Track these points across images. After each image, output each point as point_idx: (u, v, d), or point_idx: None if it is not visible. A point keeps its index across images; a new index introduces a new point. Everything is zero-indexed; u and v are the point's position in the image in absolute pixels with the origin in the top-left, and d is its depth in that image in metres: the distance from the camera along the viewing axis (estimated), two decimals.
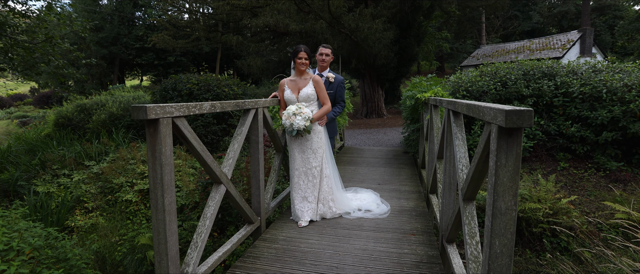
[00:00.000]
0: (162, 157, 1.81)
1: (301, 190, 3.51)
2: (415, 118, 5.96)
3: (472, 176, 1.84)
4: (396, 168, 5.96)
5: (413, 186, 4.85)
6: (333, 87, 3.85)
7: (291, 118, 3.23)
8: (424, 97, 4.55)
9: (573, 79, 6.58)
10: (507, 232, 1.40)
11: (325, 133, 3.64)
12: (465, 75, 7.62)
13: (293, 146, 3.52)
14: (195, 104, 2.09)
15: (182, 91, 8.30)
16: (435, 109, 3.85)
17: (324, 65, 3.91)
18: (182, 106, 1.96)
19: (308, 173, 3.50)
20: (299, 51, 3.43)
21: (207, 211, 2.37)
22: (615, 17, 36.53)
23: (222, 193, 2.50)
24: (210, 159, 2.32)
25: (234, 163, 2.67)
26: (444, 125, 2.79)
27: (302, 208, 3.50)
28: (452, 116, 2.51)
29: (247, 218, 3.03)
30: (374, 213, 3.69)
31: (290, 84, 3.54)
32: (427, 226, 3.39)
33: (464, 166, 2.21)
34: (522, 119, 1.26)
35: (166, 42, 21.40)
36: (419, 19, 16.70)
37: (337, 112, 3.83)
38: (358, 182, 5.04)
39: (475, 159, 1.76)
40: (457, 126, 2.44)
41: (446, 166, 2.71)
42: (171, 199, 1.90)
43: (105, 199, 5.73)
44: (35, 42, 7.55)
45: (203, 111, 2.17)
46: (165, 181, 1.84)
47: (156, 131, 1.80)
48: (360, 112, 18.03)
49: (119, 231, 5.29)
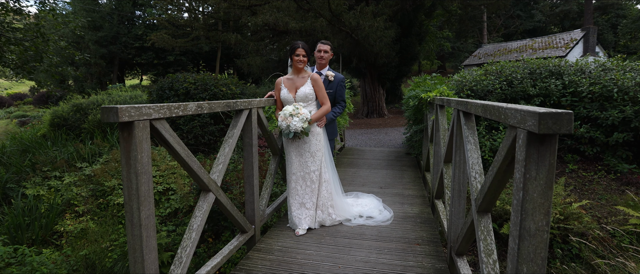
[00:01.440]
0: (137, 165, 1.60)
1: (299, 196, 3.29)
2: (419, 119, 5.74)
3: (490, 187, 1.62)
4: (399, 171, 5.74)
5: (417, 190, 4.63)
6: (333, 86, 3.62)
7: (288, 119, 3.01)
8: (428, 96, 4.33)
9: (581, 78, 6.35)
10: (537, 257, 1.19)
11: (324, 135, 3.43)
12: (469, 74, 7.40)
13: (290, 149, 3.30)
14: (178, 104, 1.88)
15: (178, 90, 8.10)
16: (441, 110, 3.63)
17: (323, 62, 3.68)
18: (162, 106, 1.75)
19: (306, 178, 3.28)
20: (297, 47, 3.21)
21: (194, 223, 2.16)
22: (618, 16, 36.26)
23: (210, 202, 2.28)
24: (196, 165, 2.10)
25: (225, 168, 2.45)
26: (453, 127, 2.56)
27: (300, 215, 3.28)
28: (462, 117, 2.29)
29: (240, 227, 2.82)
30: (376, 220, 3.47)
31: (287, 82, 3.32)
32: (432, 234, 3.17)
33: (477, 174, 1.99)
34: (559, 124, 1.04)
35: (165, 41, 21.18)
36: (421, 17, 16.47)
37: (337, 113, 3.60)
38: (359, 186, 4.82)
39: (493, 168, 1.54)
40: (468, 128, 2.22)
41: (455, 172, 2.49)
42: (149, 212, 1.68)
43: (97, 203, 5.52)
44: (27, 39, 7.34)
45: (188, 112, 1.95)
46: (141, 192, 1.62)
47: (131, 136, 1.59)
48: (361, 111, 17.81)
49: (110, 236, 5.08)
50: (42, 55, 7.55)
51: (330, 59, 3.67)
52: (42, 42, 7.38)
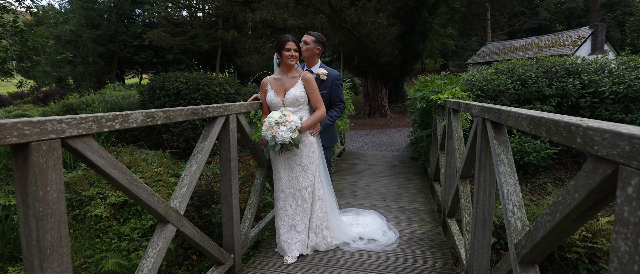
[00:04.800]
0: (38, 205, 1.11)
1: (288, 217, 2.79)
2: (426, 122, 5.24)
3: (548, 235, 1.12)
4: (404, 179, 5.23)
5: (424, 203, 4.12)
6: (326, 85, 3.06)
7: (273, 129, 2.51)
8: (439, 99, 3.82)
9: (603, 77, 5.83)
10: None
11: (318, 144, 2.92)
12: (479, 73, 6.89)
13: (278, 161, 2.80)
14: (114, 115, 1.38)
15: (169, 90, 7.63)
16: (455, 114, 3.12)
17: (307, 55, 3.07)
18: (85, 118, 1.26)
19: (297, 196, 2.78)
20: (287, 41, 2.70)
21: (144, 266, 1.67)
22: (625, 14, 35.54)
23: (169, 236, 1.79)
24: (146, 192, 1.61)
25: (191, 191, 1.96)
26: (475, 140, 2.06)
27: (290, 239, 2.79)
28: (491, 129, 1.78)
29: (215, 259, 2.33)
30: (379, 244, 2.97)
31: (274, 83, 2.81)
32: (446, 263, 2.67)
33: (516, 208, 1.49)
34: None
35: (162, 39, 20.67)
36: (424, 14, 15.93)
37: (333, 117, 3.07)
38: (360, 198, 4.32)
39: (558, 211, 1.04)
40: (499, 143, 1.72)
41: (479, 196, 1.99)
42: (64, 270, 1.19)
43: (73, 214, 5.04)
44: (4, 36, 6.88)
45: (130, 124, 1.46)
46: (45, 243, 1.13)
47: (26, 163, 1.10)
48: (363, 111, 17.30)
49: (85, 251, 4.61)
50: (22, 55, 7.08)
51: (319, 53, 3.11)
52: (20, 41, 6.90)
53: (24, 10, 7.88)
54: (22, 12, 8.32)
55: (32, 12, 7.49)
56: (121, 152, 6.84)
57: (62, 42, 28.41)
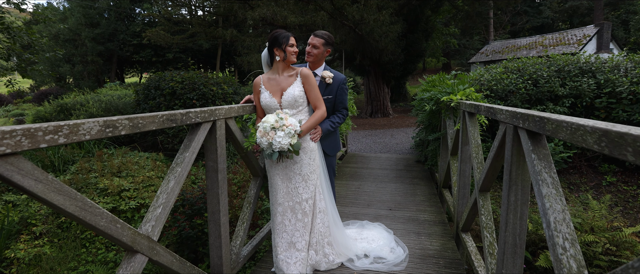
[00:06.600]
0: None
1: (287, 233, 2.48)
2: (434, 124, 4.92)
3: None
4: (410, 185, 4.92)
5: (433, 212, 3.81)
6: (332, 90, 2.73)
7: (269, 135, 2.20)
8: (451, 100, 3.51)
9: (620, 76, 5.51)
10: None
11: (319, 151, 2.62)
12: (487, 71, 6.58)
13: (275, 171, 2.49)
14: (56, 125, 1.08)
15: (164, 90, 7.33)
16: (471, 118, 2.80)
17: (311, 59, 2.75)
18: (11, 131, 0.95)
19: (296, 209, 2.48)
20: (290, 35, 2.39)
21: None
22: (629, 12, 35.11)
23: (138, 269, 1.49)
24: (105, 218, 1.30)
25: (167, 212, 1.65)
26: (506, 152, 1.75)
27: (288, 257, 2.48)
28: (527, 139, 1.47)
29: None
30: (387, 263, 2.66)
31: (268, 83, 2.50)
32: None
33: (567, 241, 1.18)
34: None
35: (161, 37, 20.34)
36: (427, 12, 15.59)
37: (336, 124, 2.75)
38: (363, 207, 4.01)
39: None
40: (539, 158, 1.40)
41: (510, 218, 1.68)
42: None
43: (58, 222, 4.75)
44: None
45: (80, 137, 1.16)
46: None
47: None
48: (365, 111, 16.98)
49: (69, 263, 4.31)
50: (9, 53, 6.79)
51: (325, 57, 2.79)
52: (7, 38, 6.61)
53: (12, 7, 7.58)
54: (16, 11, 8.03)
55: (21, 9, 7.20)
56: (113, 155, 6.54)
57: (61, 40, 28.19)
